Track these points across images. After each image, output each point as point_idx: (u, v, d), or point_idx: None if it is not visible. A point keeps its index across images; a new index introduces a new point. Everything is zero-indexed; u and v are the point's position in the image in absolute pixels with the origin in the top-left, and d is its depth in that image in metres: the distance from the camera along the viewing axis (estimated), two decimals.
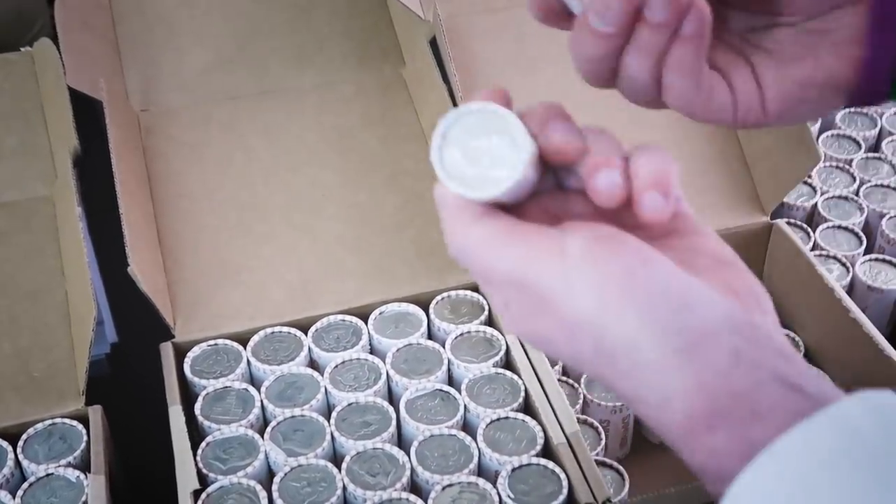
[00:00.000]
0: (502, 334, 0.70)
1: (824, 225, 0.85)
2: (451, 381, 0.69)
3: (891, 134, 0.96)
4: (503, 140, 0.37)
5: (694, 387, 0.33)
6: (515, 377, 0.67)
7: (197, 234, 0.74)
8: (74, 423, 0.65)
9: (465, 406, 0.66)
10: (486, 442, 0.63)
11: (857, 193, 0.89)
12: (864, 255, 0.83)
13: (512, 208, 0.39)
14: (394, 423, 0.65)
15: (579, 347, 0.35)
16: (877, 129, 0.96)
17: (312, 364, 0.70)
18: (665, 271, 0.35)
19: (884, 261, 0.82)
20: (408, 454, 0.62)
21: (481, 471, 0.63)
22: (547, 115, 0.38)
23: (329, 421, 0.65)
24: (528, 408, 0.66)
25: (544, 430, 0.63)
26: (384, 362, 0.68)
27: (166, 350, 0.69)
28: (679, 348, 0.34)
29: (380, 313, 0.72)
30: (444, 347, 0.69)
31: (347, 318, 0.71)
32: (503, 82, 0.81)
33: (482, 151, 0.38)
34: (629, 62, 0.41)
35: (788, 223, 0.81)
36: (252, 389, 0.67)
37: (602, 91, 0.90)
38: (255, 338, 0.70)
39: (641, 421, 0.45)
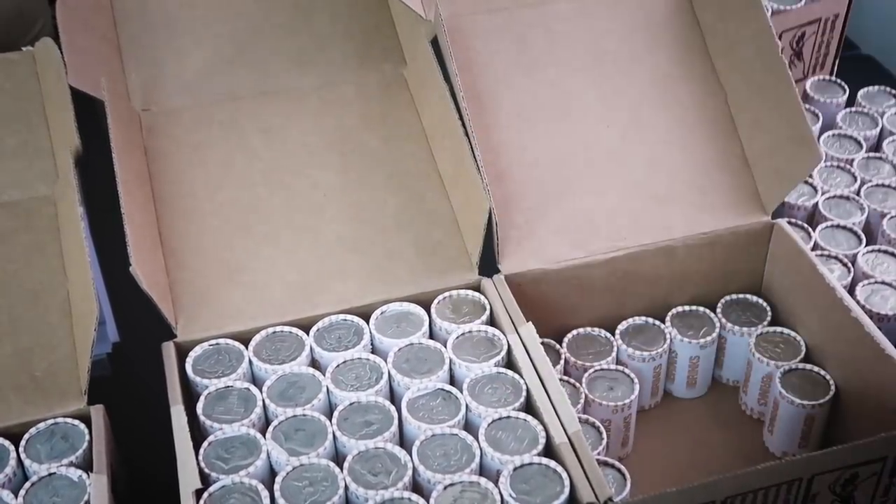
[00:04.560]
0: (504, 334, 0.70)
1: (824, 224, 0.85)
2: (452, 380, 0.69)
3: (892, 134, 0.96)
4: None
5: None
6: (517, 377, 0.67)
7: (198, 234, 0.74)
8: (76, 422, 0.65)
9: (466, 405, 0.66)
10: (487, 441, 0.63)
11: (858, 193, 0.89)
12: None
13: None
14: (395, 422, 0.65)
15: None
16: (878, 129, 0.96)
17: (314, 364, 0.70)
18: None
19: (885, 252, 0.83)
20: (409, 454, 0.62)
21: (483, 470, 0.63)
22: None
23: (331, 420, 0.65)
24: (529, 407, 0.66)
25: (546, 430, 0.64)
26: (386, 362, 0.69)
27: (168, 349, 0.69)
28: None
29: (381, 313, 0.72)
30: (445, 347, 0.69)
31: (349, 317, 0.72)
32: (505, 82, 0.81)
33: None
34: None
35: (789, 223, 0.81)
36: (254, 389, 0.67)
37: (602, 92, 0.90)
38: (257, 337, 0.70)
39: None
